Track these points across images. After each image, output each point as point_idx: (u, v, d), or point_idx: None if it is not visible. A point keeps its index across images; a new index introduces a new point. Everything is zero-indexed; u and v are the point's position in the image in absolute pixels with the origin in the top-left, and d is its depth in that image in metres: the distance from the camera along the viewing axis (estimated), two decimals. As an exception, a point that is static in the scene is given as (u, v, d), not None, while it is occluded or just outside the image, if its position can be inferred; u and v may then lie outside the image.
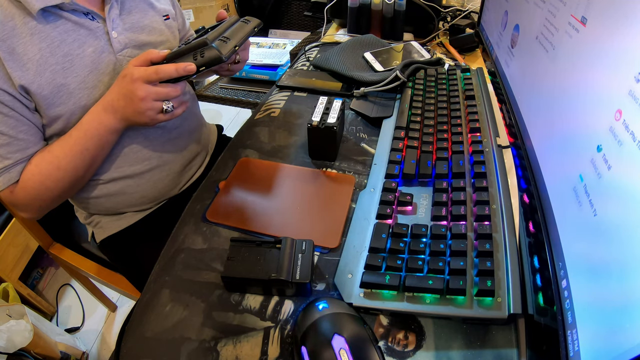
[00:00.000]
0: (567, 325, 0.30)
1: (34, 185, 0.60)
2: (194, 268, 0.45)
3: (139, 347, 0.38)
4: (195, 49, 0.56)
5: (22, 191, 0.61)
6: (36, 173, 0.59)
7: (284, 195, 0.53)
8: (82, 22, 0.60)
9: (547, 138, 0.43)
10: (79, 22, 0.60)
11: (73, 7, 0.59)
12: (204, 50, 0.56)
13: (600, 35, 0.34)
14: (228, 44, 0.58)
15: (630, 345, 0.23)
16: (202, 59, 0.55)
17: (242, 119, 2.08)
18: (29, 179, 0.59)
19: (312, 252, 0.42)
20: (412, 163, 0.53)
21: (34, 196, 0.61)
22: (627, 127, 0.27)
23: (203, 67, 0.56)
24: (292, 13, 2.01)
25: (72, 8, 0.59)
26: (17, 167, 0.59)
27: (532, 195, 0.43)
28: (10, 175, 0.59)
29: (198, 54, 0.56)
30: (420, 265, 0.40)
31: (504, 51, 0.64)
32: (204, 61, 0.55)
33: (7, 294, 1.07)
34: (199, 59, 0.56)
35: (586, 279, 0.29)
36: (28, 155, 0.59)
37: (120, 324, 0.42)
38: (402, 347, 0.37)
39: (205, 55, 0.55)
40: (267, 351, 0.37)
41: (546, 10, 0.47)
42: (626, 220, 0.26)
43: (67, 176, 0.61)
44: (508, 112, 0.56)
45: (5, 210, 1.08)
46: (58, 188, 0.61)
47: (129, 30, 0.66)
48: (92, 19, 0.61)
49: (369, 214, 0.48)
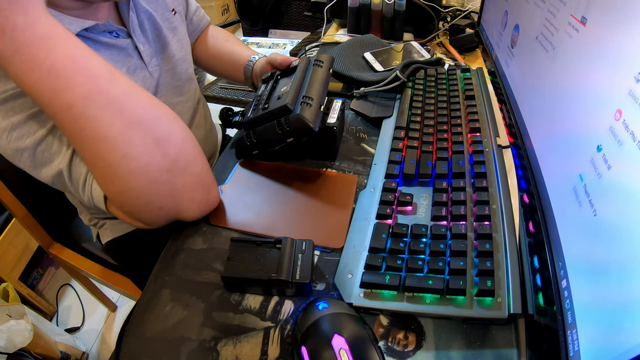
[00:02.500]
0: (567, 325, 0.30)
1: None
2: (194, 268, 0.45)
3: (139, 347, 0.38)
4: (278, 116, 0.51)
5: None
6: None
7: (285, 196, 0.53)
8: (113, 42, 0.57)
9: (547, 138, 0.43)
10: (109, 43, 0.56)
11: (105, 28, 0.55)
12: (288, 119, 0.50)
13: (600, 35, 0.34)
14: (312, 107, 0.51)
15: (630, 345, 0.23)
16: (290, 131, 0.50)
17: (242, 119, 2.08)
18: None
19: (312, 252, 0.42)
20: (412, 163, 0.53)
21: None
22: (627, 127, 0.27)
23: (291, 139, 0.51)
24: (292, 13, 2.01)
25: (104, 29, 0.55)
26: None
27: (532, 195, 0.43)
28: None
29: (283, 124, 0.50)
30: (420, 265, 0.40)
31: (504, 51, 0.64)
32: (292, 133, 0.50)
33: (7, 294, 1.07)
34: (287, 132, 0.51)
35: (586, 279, 0.29)
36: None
37: (120, 324, 0.42)
38: (402, 347, 0.37)
39: (292, 125, 0.50)
40: (267, 351, 0.37)
41: (546, 10, 0.47)
42: (626, 220, 0.26)
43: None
44: (508, 112, 0.56)
45: (5, 210, 1.07)
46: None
47: (151, 40, 0.64)
48: (117, 35, 0.58)
49: (369, 214, 0.48)
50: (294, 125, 0.50)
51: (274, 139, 0.52)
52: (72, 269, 0.93)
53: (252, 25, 2.06)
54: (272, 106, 0.53)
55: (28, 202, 0.81)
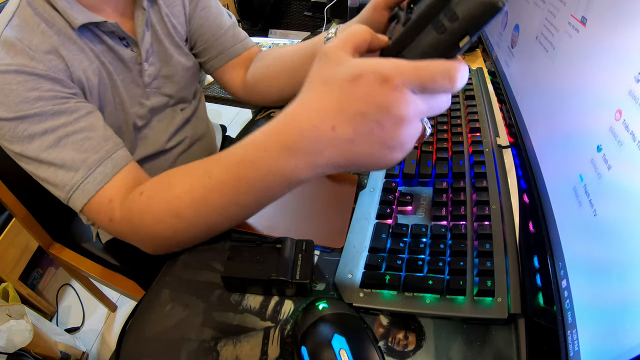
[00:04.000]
0: (567, 325, 0.30)
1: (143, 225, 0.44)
2: (194, 268, 0.44)
3: (139, 347, 0.38)
4: (436, 13, 0.30)
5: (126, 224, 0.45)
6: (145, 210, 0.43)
7: (285, 196, 0.53)
8: (117, 48, 0.56)
9: (547, 138, 0.43)
10: (114, 49, 0.56)
11: (112, 29, 0.55)
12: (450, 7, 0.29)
13: (600, 35, 0.34)
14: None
15: (630, 345, 0.23)
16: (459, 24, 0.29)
17: (242, 119, 2.08)
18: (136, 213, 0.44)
19: (312, 252, 0.42)
20: (412, 163, 0.53)
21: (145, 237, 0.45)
22: (627, 127, 0.27)
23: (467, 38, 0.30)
24: (292, 13, 2.01)
25: (111, 30, 0.55)
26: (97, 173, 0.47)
27: (532, 195, 0.42)
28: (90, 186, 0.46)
29: (445, 20, 0.30)
30: (420, 265, 0.40)
31: (504, 51, 0.64)
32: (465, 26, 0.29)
33: (7, 294, 1.07)
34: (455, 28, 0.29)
35: (586, 279, 0.29)
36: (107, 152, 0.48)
37: (120, 324, 0.42)
38: (402, 347, 0.37)
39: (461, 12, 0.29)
40: (267, 351, 0.37)
41: (546, 10, 0.47)
42: (626, 220, 0.26)
43: (190, 229, 0.43)
44: (508, 112, 0.56)
45: (5, 210, 1.07)
46: (174, 238, 0.44)
47: (158, 62, 0.63)
48: (127, 45, 0.58)
49: (369, 214, 0.48)
50: (465, 10, 0.29)
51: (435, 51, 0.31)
52: (72, 268, 0.93)
53: (252, 25, 2.06)
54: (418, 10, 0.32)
55: (28, 202, 0.81)
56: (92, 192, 0.46)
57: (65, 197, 0.47)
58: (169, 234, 0.43)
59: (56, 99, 0.47)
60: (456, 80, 0.29)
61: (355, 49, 0.32)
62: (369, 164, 0.33)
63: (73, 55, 0.52)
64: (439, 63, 0.29)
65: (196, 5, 0.67)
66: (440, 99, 0.32)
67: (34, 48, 0.48)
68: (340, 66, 0.31)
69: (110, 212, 0.45)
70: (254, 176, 0.36)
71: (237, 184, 0.37)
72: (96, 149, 0.47)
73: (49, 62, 0.49)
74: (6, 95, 0.45)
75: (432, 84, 0.29)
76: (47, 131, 0.46)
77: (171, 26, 0.64)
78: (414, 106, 0.30)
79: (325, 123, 0.31)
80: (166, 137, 0.68)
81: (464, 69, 0.30)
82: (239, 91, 0.72)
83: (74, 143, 0.47)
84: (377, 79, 0.29)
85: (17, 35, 0.48)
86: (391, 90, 0.29)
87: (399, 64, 0.30)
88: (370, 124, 0.30)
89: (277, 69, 0.66)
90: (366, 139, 0.31)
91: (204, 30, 0.69)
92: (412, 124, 0.31)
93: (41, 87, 0.47)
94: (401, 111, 0.30)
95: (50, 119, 0.46)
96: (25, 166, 0.48)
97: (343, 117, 0.31)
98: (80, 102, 0.50)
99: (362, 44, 0.32)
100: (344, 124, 0.31)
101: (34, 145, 0.46)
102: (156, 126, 0.67)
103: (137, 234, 0.45)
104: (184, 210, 0.41)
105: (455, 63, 0.29)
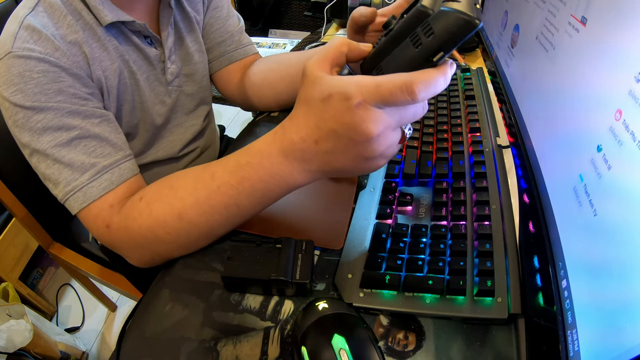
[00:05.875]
0: (567, 325, 0.30)
1: (141, 230, 0.43)
2: (194, 268, 0.44)
3: (139, 347, 0.38)
4: (414, 27, 0.32)
5: (123, 230, 0.44)
6: (145, 214, 0.43)
7: (285, 196, 0.53)
8: (143, 47, 0.57)
9: (547, 138, 0.43)
10: (139, 47, 0.56)
11: (139, 29, 0.55)
12: (428, 22, 0.31)
13: (600, 35, 0.34)
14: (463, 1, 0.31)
15: (630, 345, 0.23)
16: (435, 39, 0.31)
17: (242, 119, 2.08)
18: (135, 218, 0.43)
19: (312, 252, 0.42)
20: (412, 163, 0.53)
21: (141, 244, 0.44)
22: (627, 127, 0.27)
23: (441, 54, 0.31)
24: (292, 13, 2.01)
25: (138, 30, 0.55)
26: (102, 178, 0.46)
27: (532, 195, 0.42)
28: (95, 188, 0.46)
29: (421, 33, 0.31)
30: (420, 265, 0.40)
31: (504, 51, 0.64)
32: (439, 41, 0.31)
33: (7, 294, 1.07)
34: (429, 43, 0.31)
35: (586, 279, 0.29)
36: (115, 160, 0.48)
37: (120, 324, 0.42)
38: (402, 347, 0.37)
39: (437, 28, 0.30)
40: (267, 351, 0.37)
41: (546, 10, 0.47)
42: (626, 220, 0.26)
43: (193, 231, 0.43)
44: (508, 112, 0.56)
45: (5, 210, 1.08)
46: (173, 242, 0.43)
47: (179, 60, 0.63)
48: (150, 43, 0.58)
49: (369, 214, 0.48)
50: (441, 26, 0.30)
51: (409, 65, 0.33)
52: (72, 268, 0.93)
53: (252, 25, 2.06)
54: (399, 23, 0.33)
55: (28, 202, 0.81)
56: (94, 196, 0.46)
57: (64, 196, 0.46)
58: (169, 237, 0.43)
59: (75, 97, 0.47)
60: (417, 94, 0.30)
61: (332, 65, 0.35)
62: (355, 172, 0.37)
63: (95, 53, 0.51)
64: (400, 78, 0.31)
65: (210, 3, 0.68)
66: (410, 109, 0.33)
67: (59, 38, 0.47)
68: (315, 85, 0.34)
69: (108, 218, 0.45)
70: (256, 177, 0.39)
71: (240, 185, 0.39)
72: (107, 157, 0.47)
73: (73, 56, 0.48)
74: (26, 82, 0.44)
75: (392, 99, 0.31)
76: (61, 128, 0.45)
77: (196, 22, 0.65)
78: (381, 121, 0.32)
79: (310, 137, 0.35)
80: (181, 145, 0.69)
81: (428, 81, 0.31)
82: (234, 94, 0.74)
83: (86, 147, 0.46)
84: (342, 99, 0.32)
85: (42, 22, 0.47)
86: (355, 109, 0.31)
87: (361, 83, 0.32)
88: (343, 140, 0.33)
89: (277, 76, 0.68)
90: (344, 153, 0.34)
91: (212, 29, 0.69)
92: (385, 136, 0.33)
93: (63, 81, 0.46)
94: (368, 129, 0.32)
95: (66, 117, 0.46)
96: (29, 157, 0.47)
97: (322, 133, 0.34)
98: (96, 108, 0.49)
99: (339, 57, 0.35)
100: (324, 140, 0.34)
101: (45, 138, 0.45)
102: (175, 131, 0.68)
103: (133, 240, 0.44)
104: (187, 210, 0.41)
105: (417, 76, 0.31)
